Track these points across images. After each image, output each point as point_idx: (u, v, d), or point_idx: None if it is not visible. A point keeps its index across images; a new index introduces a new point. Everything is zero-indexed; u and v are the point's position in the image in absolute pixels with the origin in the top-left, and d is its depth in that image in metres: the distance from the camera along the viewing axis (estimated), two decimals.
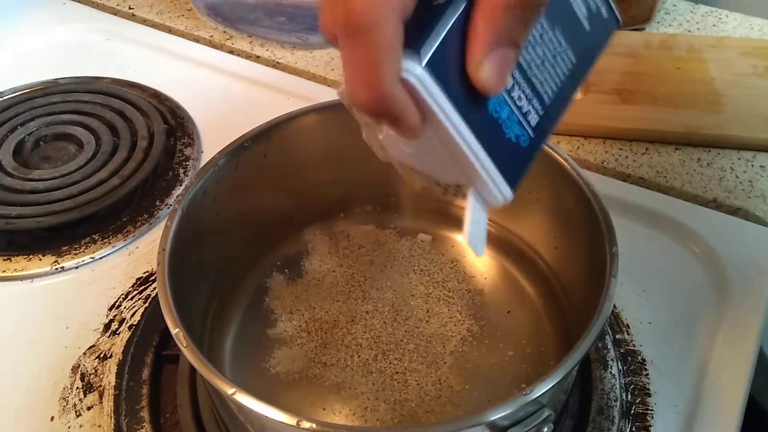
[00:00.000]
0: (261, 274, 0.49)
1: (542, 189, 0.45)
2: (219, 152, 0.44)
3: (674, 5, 0.78)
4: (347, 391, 0.43)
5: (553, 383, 0.31)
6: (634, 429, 0.41)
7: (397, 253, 0.51)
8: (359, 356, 0.44)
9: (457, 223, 0.51)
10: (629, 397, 0.43)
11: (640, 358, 0.45)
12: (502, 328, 0.45)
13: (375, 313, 0.47)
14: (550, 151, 0.43)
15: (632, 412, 0.42)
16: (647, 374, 0.44)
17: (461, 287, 0.48)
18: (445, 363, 0.43)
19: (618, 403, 0.42)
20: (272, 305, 0.48)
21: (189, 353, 0.33)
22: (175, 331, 0.34)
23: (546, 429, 0.32)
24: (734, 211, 0.55)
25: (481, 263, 0.49)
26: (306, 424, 0.30)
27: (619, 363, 0.45)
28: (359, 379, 0.43)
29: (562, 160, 0.43)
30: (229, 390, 0.31)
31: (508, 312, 0.46)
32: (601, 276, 0.36)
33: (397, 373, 0.43)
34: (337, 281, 0.49)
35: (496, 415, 0.30)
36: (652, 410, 0.42)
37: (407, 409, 0.41)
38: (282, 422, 0.30)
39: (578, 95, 0.64)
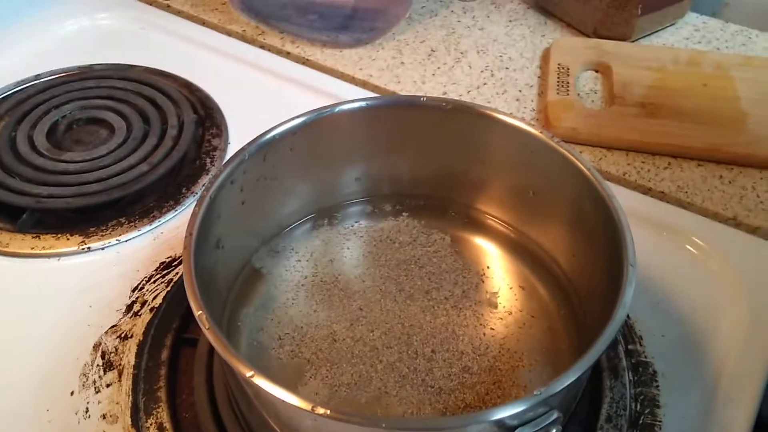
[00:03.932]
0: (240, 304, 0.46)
1: (563, 197, 0.46)
2: (249, 143, 0.44)
3: (704, 23, 0.78)
4: (387, 399, 0.40)
5: (564, 385, 0.32)
6: None
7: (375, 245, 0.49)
8: (380, 361, 0.42)
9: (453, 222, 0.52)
10: (638, 407, 0.43)
11: (651, 369, 0.45)
12: (514, 331, 0.46)
13: (371, 305, 0.44)
14: (573, 159, 0.44)
15: (641, 422, 0.43)
16: (657, 386, 0.44)
17: (468, 280, 0.48)
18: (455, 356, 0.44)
19: (627, 413, 0.42)
20: (260, 338, 0.44)
21: (210, 335, 0.34)
22: (198, 313, 0.35)
23: (554, 431, 0.33)
24: (753, 230, 0.55)
25: (500, 267, 0.50)
26: (320, 410, 0.30)
27: (630, 373, 0.45)
28: (393, 385, 0.41)
29: (585, 170, 0.43)
30: (248, 372, 0.32)
31: (528, 315, 0.47)
32: (617, 285, 0.37)
33: (430, 362, 0.41)
34: (312, 292, 0.46)
35: (506, 414, 0.31)
36: (660, 421, 0.43)
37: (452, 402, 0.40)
38: (298, 407, 0.31)
39: (603, 106, 0.64)
